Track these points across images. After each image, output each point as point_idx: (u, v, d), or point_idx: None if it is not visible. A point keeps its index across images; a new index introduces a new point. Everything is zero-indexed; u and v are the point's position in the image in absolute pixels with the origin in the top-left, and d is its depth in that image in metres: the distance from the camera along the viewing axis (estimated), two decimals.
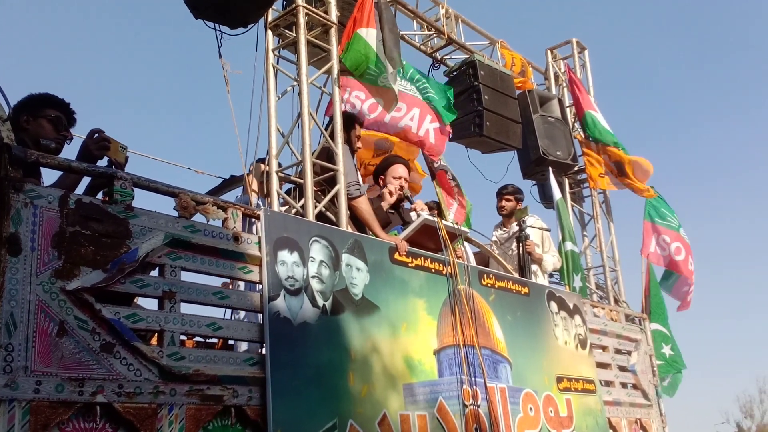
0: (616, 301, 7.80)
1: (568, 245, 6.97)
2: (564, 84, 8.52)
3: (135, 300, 3.64)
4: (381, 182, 5.37)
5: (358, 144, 5.22)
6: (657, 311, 7.83)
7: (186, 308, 3.33)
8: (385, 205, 5.29)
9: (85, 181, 3.29)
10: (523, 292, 5.51)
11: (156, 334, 3.23)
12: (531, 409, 5.02)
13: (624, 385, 6.53)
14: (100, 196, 3.19)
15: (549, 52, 8.62)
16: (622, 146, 8.03)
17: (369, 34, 5.21)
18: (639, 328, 7.05)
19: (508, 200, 6.88)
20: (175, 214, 3.38)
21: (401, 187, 5.33)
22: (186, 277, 3.36)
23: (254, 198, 4.74)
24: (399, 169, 5.42)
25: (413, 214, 5.08)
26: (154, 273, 3.27)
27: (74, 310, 2.86)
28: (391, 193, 5.32)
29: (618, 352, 6.59)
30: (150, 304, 3.32)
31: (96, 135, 3.40)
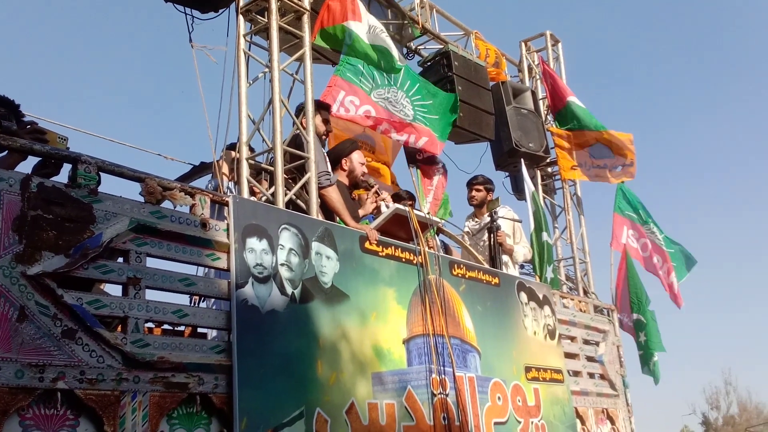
0: (585, 293, 7.87)
1: (543, 236, 7.01)
2: (537, 76, 8.56)
3: (101, 286, 3.59)
4: (344, 164, 5.34)
5: (328, 128, 5.21)
6: (637, 301, 7.89)
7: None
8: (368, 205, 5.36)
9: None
10: (493, 283, 5.54)
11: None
12: (499, 398, 5.06)
13: (591, 376, 6.60)
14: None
15: (523, 44, 8.66)
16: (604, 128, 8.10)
17: (359, 28, 5.22)
18: (607, 319, 7.13)
19: (478, 190, 6.89)
20: (141, 199, 3.33)
21: (364, 174, 5.38)
22: (152, 263, 3.32)
23: (225, 181, 4.70)
24: (362, 155, 5.45)
25: (382, 206, 5.07)
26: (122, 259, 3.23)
27: (35, 295, 2.81)
28: (377, 203, 5.36)
29: (586, 342, 6.66)
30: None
31: (29, 126, 3.34)
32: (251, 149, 4.64)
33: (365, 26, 5.44)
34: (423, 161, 7.07)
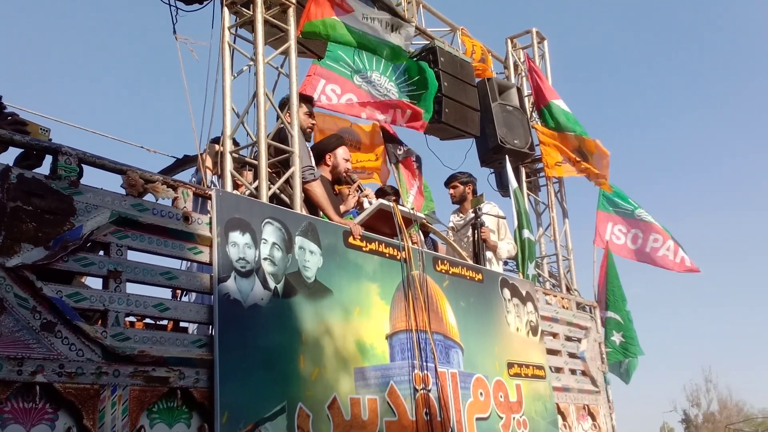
0: (568, 290, 7.91)
1: (525, 233, 7.04)
2: (523, 73, 8.58)
3: (82, 279, 3.56)
4: (328, 160, 5.32)
5: (312, 121, 5.20)
6: (613, 299, 7.95)
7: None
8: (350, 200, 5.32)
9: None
10: (476, 279, 5.55)
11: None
12: (481, 394, 5.07)
13: (573, 372, 6.64)
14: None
15: (509, 41, 8.67)
16: (586, 134, 8.12)
17: (348, 20, 5.19)
18: (589, 316, 7.18)
19: (455, 187, 6.92)
20: (123, 192, 3.30)
21: (348, 170, 5.37)
22: (133, 256, 3.29)
23: (209, 175, 4.67)
24: (347, 151, 5.43)
25: (365, 201, 5.06)
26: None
27: (14, 287, 2.78)
28: (359, 199, 5.33)
29: (568, 339, 6.70)
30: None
31: (9, 118, 3.29)
32: (235, 143, 4.61)
33: (357, 17, 5.39)
34: (403, 160, 7.09)
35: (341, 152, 5.34)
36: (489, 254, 6.49)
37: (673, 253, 8.52)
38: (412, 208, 5.62)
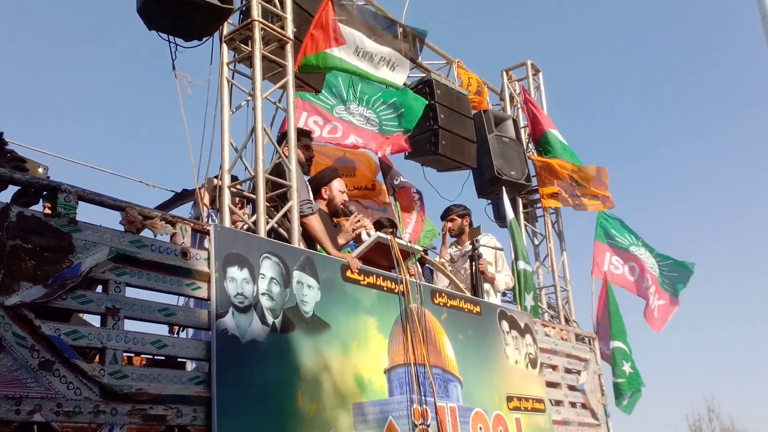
0: (567, 321, 7.89)
1: (521, 264, 7.04)
2: (519, 105, 8.66)
3: (81, 315, 3.55)
4: (324, 193, 5.34)
5: (310, 154, 5.23)
6: (617, 329, 7.91)
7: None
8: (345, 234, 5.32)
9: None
10: (474, 311, 5.54)
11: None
12: (481, 428, 5.03)
13: (573, 405, 6.60)
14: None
15: (504, 74, 8.77)
16: (580, 162, 8.19)
17: (341, 52, 5.24)
18: (588, 347, 7.14)
19: (452, 220, 6.93)
20: (122, 228, 3.31)
21: (345, 202, 5.38)
22: (131, 293, 3.29)
23: (206, 212, 4.68)
24: (343, 183, 5.45)
25: (363, 233, 5.07)
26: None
27: (13, 326, 2.77)
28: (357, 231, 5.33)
29: (568, 371, 6.66)
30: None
31: (8, 155, 3.31)
32: (234, 178, 4.63)
33: (351, 47, 5.44)
34: (400, 190, 7.13)
35: (337, 185, 5.36)
36: (487, 286, 6.49)
37: (654, 297, 8.51)
38: (410, 241, 5.63)
